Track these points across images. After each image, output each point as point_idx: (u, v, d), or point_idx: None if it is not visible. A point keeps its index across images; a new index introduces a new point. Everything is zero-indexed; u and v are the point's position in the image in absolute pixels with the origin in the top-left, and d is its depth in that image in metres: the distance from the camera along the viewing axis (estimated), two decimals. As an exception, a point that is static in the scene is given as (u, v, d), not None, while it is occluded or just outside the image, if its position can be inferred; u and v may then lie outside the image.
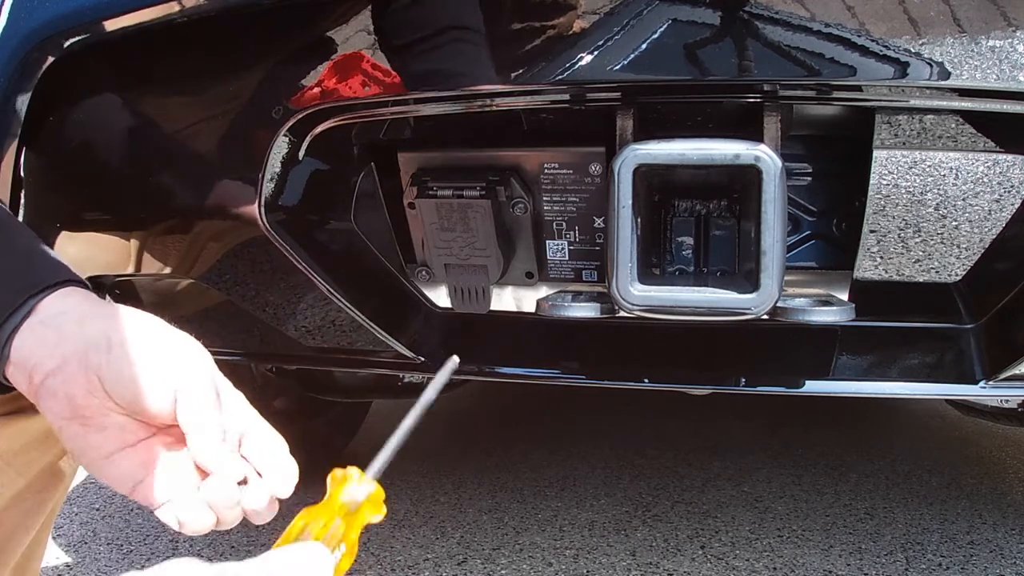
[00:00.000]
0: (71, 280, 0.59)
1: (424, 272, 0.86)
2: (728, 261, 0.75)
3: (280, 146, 0.76)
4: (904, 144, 0.72)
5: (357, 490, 0.48)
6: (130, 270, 0.88)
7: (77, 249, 0.87)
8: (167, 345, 0.56)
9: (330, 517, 0.46)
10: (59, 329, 0.55)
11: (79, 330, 0.55)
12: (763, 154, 0.62)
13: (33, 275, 0.58)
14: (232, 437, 0.55)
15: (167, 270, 0.88)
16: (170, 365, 0.55)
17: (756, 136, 0.69)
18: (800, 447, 1.80)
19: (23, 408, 0.72)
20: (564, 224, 0.81)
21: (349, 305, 0.85)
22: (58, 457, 0.79)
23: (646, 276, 0.68)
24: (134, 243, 0.87)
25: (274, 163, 0.76)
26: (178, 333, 0.57)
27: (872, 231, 0.76)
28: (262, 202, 0.77)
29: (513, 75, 0.68)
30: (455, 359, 0.56)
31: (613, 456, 1.75)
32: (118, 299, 0.93)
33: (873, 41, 0.62)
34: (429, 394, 0.54)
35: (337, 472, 0.49)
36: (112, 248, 0.87)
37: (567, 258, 0.83)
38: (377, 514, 0.49)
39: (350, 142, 0.84)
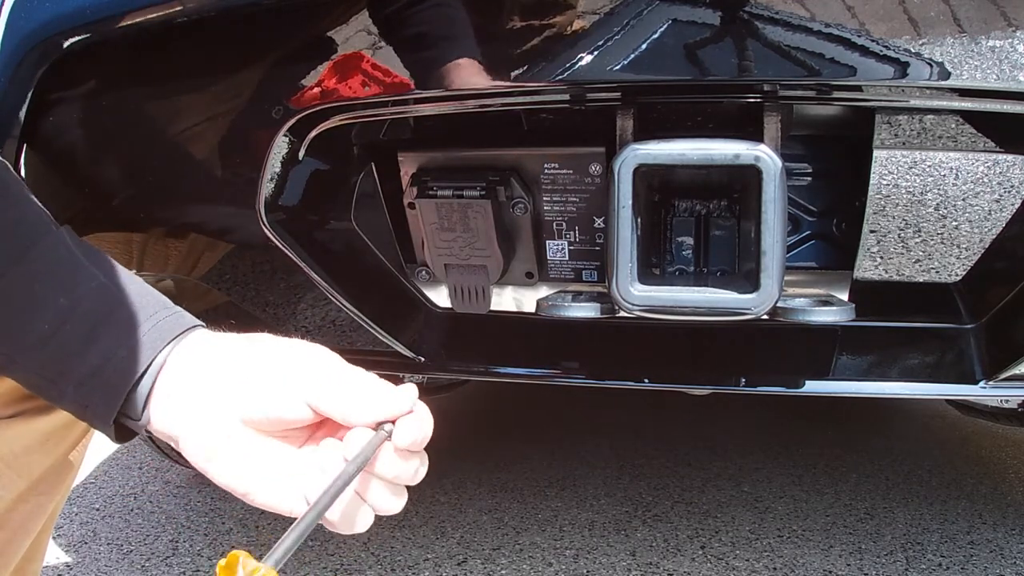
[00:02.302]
0: (192, 327, 0.59)
1: (424, 272, 0.86)
2: (728, 261, 0.75)
3: (280, 146, 0.76)
4: (904, 144, 0.72)
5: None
6: (133, 270, 0.88)
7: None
8: (285, 361, 0.56)
9: None
10: (189, 389, 0.56)
11: (209, 384, 0.55)
12: (763, 154, 0.62)
13: (162, 329, 0.58)
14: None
15: (168, 270, 0.89)
16: (293, 377, 0.55)
17: (756, 136, 0.69)
18: (800, 447, 1.80)
19: (25, 411, 0.72)
20: (564, 224, 0.81)
21: (349, 305, 0.85)
22: (59, 460, 0.79)
23: (646, 276, 0.68)
24: (135, 243, 0.87)
25: (274, 163, 0.76)
26: (290, 345, 0.58)
27: (872, 231, 0.76)
28: (262, 202, 0.77)
29: (513, 75, 0.68)
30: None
31: (613, 456, 1.75)
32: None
33: (873, 41, 0.62)
34: (350, 468, 0.50)
35: (228, 558, 0.42)
36: (113, 248, 0.87)
37: (567, 258, 0.83)
38: None
39: (350, 142, 0.84)
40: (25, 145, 0.81)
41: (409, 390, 0.55)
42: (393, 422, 0.53)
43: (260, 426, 0.55)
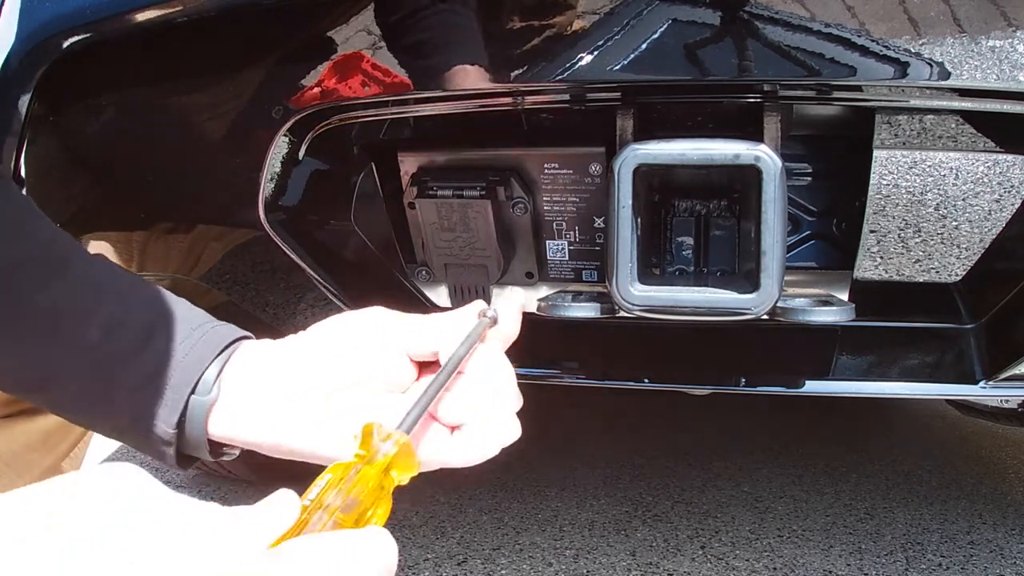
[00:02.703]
0: (240, 338, 0.59)
1: (424, 272, 0.86)
2: (728, 261, 0.75)
3: (280, 146, 0.76)
4: (904, 144, 0.72)
5: (387, 444, 0.45)
6: (133, 270, 0.88)
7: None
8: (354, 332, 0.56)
9: (364, 478, 0.42)
10: (250, 398, 0.55)
11: (270, 390, 0.54)
12: (763, 154, 0.62)
13: (219, 333, 0.58)
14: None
15: (168, 270, 0.89)
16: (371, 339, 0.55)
17: (756, 136, 0.69)
18: (800, 447, 1.80)
19: (24, 410, 0.72)
20: (564, 224, 0.81)
21: (349, 305, 0.85)
22: (59, 459, 0.79)
23: (646, 276, 0.68)
24: (135, 243, 0.87)
25: (274, 163, 0.76)
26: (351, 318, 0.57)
27: (872, 231, 0.76)
28: (262, 202, 0.77)
29: (513, 75, 0.68)
30: (481, 304, 0.57)
31: (613, 456, 1.75)
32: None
33: (873, 41, 0.62)
34: (460, 350, 0.53)
35: (364, 428, 0.46)
36: (114, 248, 0.88)
37: (567, 258, 0.83)
38: (409, 473, 0.46)
39: (350, 142, 0.84)
40: (26, 145, 0.81)
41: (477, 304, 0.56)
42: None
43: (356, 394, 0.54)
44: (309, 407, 0.53)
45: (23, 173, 0.83)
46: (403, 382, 0.56)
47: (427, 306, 0.93)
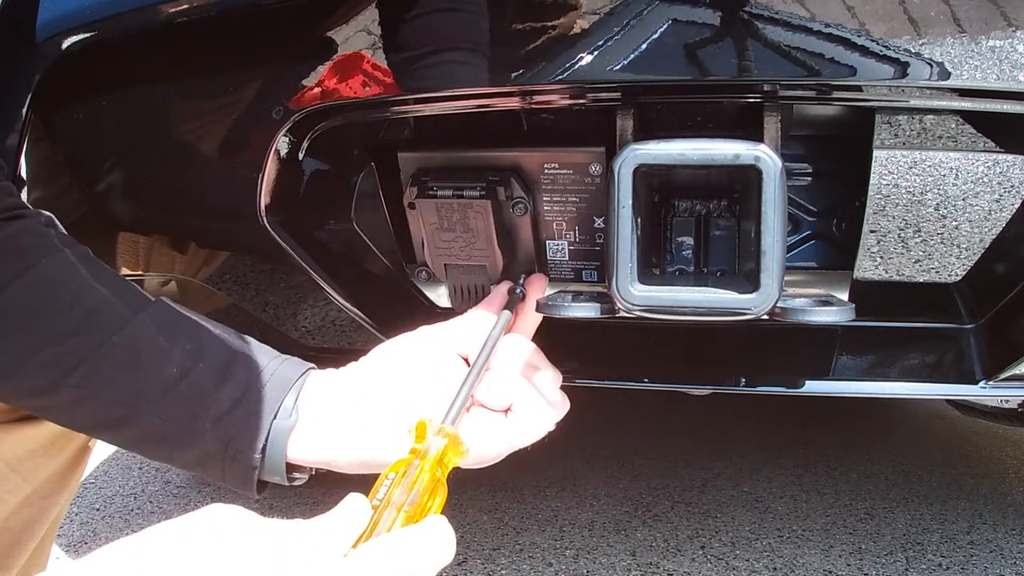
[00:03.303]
0: (308, 369, 0.63)
1: (424, 272, 0.86)
2: (728, 261, 0.75)
3: (280, 146, 0.76)
4: (904, 144, 0.72)
5: (437, 438, 0.50)
6: (137, 271, 0.88)
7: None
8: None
9: (421, 472, 0.48)
10: (326, 428, 0.59)
11: (343, 418, 0.58)
12: (763, 154, 0.61)
13: (292, 364, 0.62)
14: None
15: (168, 271, 0.89)
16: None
17: (756, 136, 0.69)
18: (800, 447, 1.80)
19: (30, 415, 0.72)
20: (564, 224, 0.81)
21: (349, 305, 0.85)
22: (65, 464, 0.79)
23: (646, 276, 0.68)
24: (141, 244, 0.88)
25: (274, 163, 0.76)
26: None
27: (872, 231, 0.76)
28: (262, 202, 0.77)
29: (513, 75, 0.68)
30: (507, 283, 0.63)
31: (613, 456, 1.75)
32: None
33: (873, 41, 0.62)
34: (495, 332, 0.57)
35: (413, 424, 0.51)
36: (119, 250, 0.88)
37: (567, 258, 0.83)
38: (460, 457, 0.51)
39: (350, 142, 0.84)
40: (26, 146, 0.81)
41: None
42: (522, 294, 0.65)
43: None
44: (384, 423, 0.57)
45: (24, 174, 0.83)
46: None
47: (427, 306, 0.93)
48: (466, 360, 0.60)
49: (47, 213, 0.65)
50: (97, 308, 0.58)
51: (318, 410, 0.59)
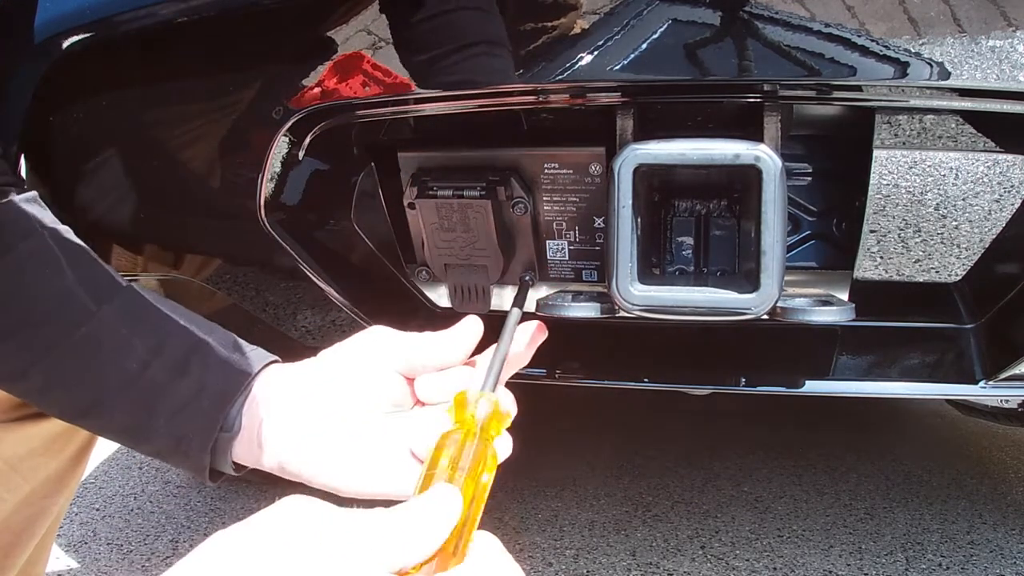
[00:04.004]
0: (267, 365, 0.61)
1: (424, 272, 0.86)
2: (728, 261, 0.75)
3: (280, 146, 0.76)
4: (904, 144, 0.72)
5: (482, 407, 0.51)
6: (137, 271, 0.88)
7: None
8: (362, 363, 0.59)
9: (469, 437, 0.49)
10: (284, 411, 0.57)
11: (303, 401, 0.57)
12: (763, 154, 0.61)
13: (250, 358, 0.61)
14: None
15: (168, 271, 0.89)
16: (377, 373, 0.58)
17: (756, 136, 0.69)
18: (800, 447, 1.80)
19: (29, 414, 0.72)
20: (564, 224, 0.81)
21: (349, 305, 0.85)
22: (65, 463, 0.79)
23: (646, 276, 0.68)
24: (137, 244, 0.87)
25: (274, 163, 0.76)
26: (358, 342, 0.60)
27: (872, 231, 0.76)
28: (262, 202, 0.77)
29: (513, 75, 0.68)
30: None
31: (613, 456, 1.75)
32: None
33: (873, 41, 0.62)
34: (515, 312, 0.60)
35: (456, 398, 0.52)
36: (116, 249, 0.87)
37: (567, 258, 0.83)
38: (503, 425, 0.53)
39: (350, 142, 0.84)
40: (25, 146, 0.81)
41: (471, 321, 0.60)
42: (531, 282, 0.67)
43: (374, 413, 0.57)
44: (321, 439, 0.56)
45: (23, 174, 0.83)
46: (401, 401, 0.58)
47: (428, 306, 0.93)
48: (408, 381, 0.59)
49: (33, 192, 0.64)
50: (67, 297, 0.58)
51: (260, 417, 0.58)
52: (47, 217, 0.63)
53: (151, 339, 0.58)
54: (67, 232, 0.63)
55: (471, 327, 0.59)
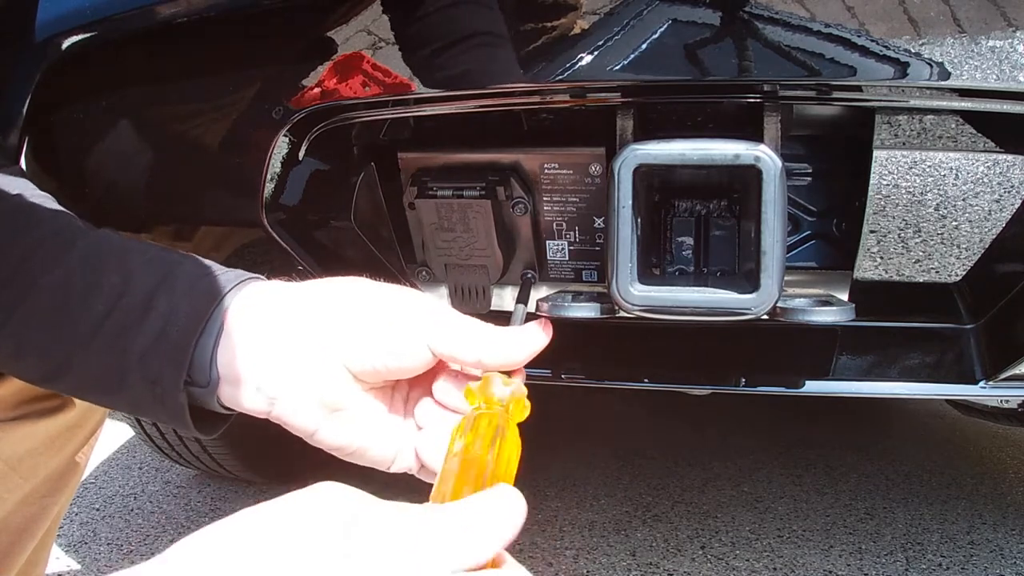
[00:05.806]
0: (252, 277, 0.56)
1: (424, 272, 0.86)
2: (728, 261, 0.75)
3: (280, 146, 0.76)
4: (904, 144, 0.72)
5: (502, 391, 0.50)
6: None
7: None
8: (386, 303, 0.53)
9: (491, 420, 0.48)
10: (265, 340, 0.51)
11: (294, 331, 0.51)
12: (763, 154, 0.61)
13: (220, 280, 0.54)
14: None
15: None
16: (405, 319, 0.52)
17: (756, 136, 0.69)
18: (800, 447, 1.80)
19: (30, 413, 0.72)
20: (564, 224, 0.81)
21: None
22: (64, 462, 0.79)
23: (646, 276, 0.68)
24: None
25: (274, 163, 0.76)
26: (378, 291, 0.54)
27: (872, 231, 0.76)
28: (263, 202, 0.77)
29: (513, 76, 0.68)
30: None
31: (613, 456, 1.75)
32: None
33: (873, 41, 0.62)
34: (520, 308, 0.61)
35: (473, 384, 0.51)
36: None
37: (567, 258, 0.83)
38: (524, 412, 0.51)
39: (350, 142, 0.84)
40: (25, 146, 0.81)
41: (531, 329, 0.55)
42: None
43: (367, 376, 0.52)
44: (331, 381, 0.51)
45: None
46: (409, 375, 0.53)
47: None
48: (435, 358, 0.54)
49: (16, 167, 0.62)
50: (30, 252, 0.54)
51: (244, 334, 0.51)
52: (17, 170, 0.59)
53: (116, 278, 0.53)
54: (28, 187, 0.59)
55: (538, 333, 0.54)
